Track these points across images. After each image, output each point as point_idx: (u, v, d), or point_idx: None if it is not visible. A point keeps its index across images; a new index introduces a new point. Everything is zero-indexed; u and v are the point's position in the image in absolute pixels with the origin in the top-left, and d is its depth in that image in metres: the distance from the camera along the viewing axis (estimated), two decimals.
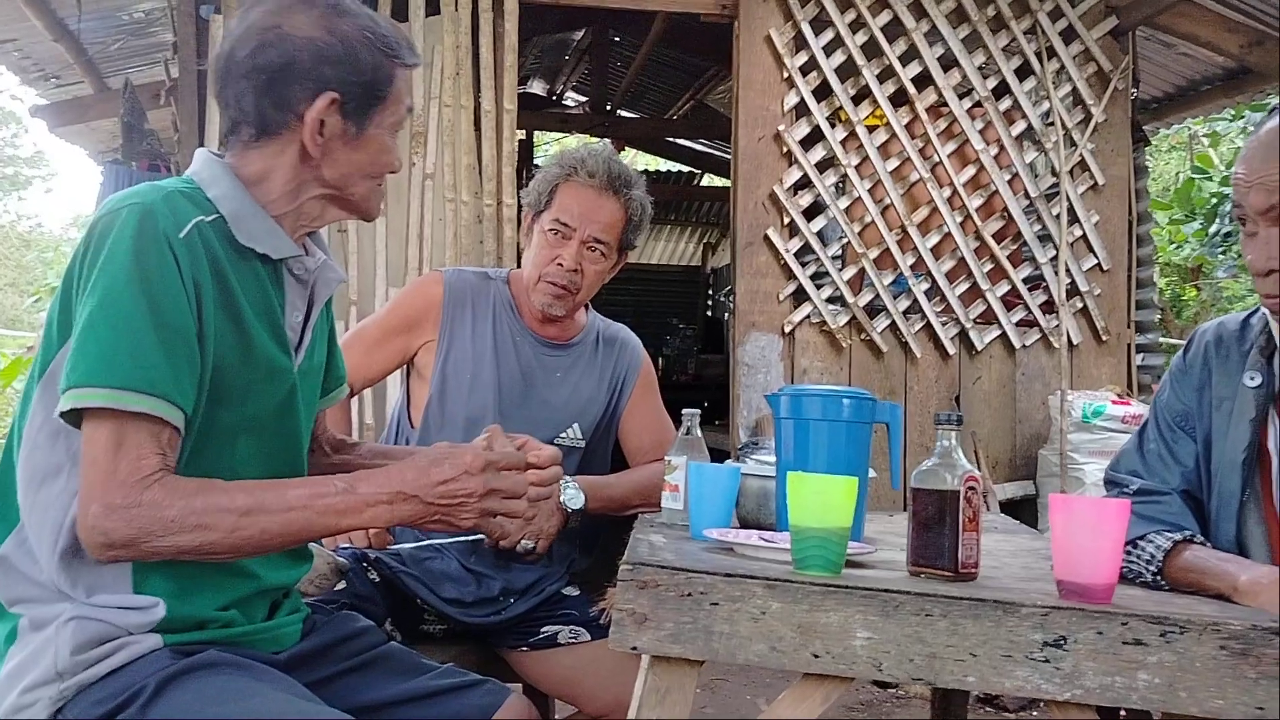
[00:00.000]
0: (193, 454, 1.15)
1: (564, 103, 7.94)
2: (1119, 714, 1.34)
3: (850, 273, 3.95)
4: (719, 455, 2.46)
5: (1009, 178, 4.02)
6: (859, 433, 1.49)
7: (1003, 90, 4.04)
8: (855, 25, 3.93)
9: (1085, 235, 4.05)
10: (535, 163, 7.18)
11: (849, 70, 3.94)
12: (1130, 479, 1.43)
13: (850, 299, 3.93)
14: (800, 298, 3.94)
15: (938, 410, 1.34)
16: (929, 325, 3.99)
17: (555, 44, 6.69)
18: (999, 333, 4.03)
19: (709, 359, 7.57)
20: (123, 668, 1.12)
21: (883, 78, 3.95)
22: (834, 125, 3.94)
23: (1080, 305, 4.06)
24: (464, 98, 3.79)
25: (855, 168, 3.94)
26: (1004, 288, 4.02)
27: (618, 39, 6.45)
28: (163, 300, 1.10)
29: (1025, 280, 4.04)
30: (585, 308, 2.00)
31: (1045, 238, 4.06)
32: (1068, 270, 4.02)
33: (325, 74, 1.20)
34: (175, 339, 1.11)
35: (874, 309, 3.99)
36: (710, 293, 9.30)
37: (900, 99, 3.98)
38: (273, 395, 1.24)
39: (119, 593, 1.14)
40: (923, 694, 3.16)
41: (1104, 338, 4.08)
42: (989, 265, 4.01)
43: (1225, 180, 7.39)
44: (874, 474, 1.60)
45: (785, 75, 3.90)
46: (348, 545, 1.78)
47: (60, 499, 1.13)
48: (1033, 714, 3.16)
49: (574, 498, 1.76)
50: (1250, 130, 1.33)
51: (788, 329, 3.92)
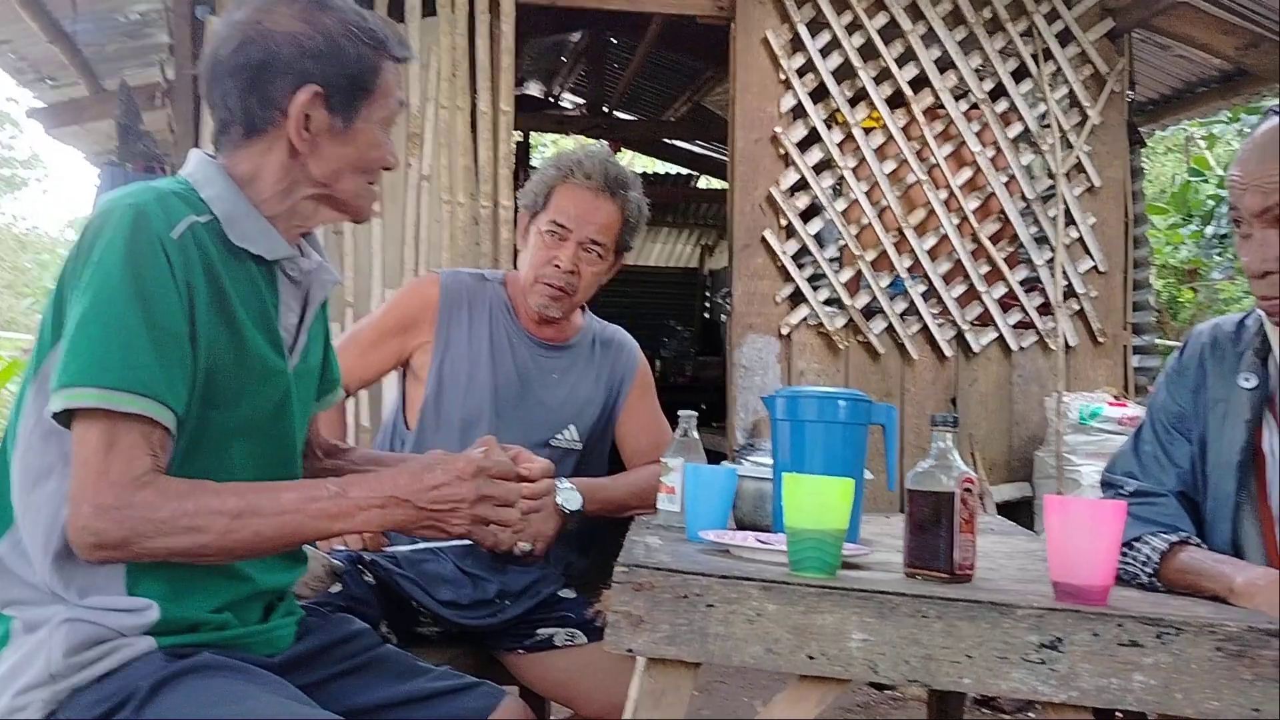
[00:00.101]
0: (186, 457, 1.15)
1: (561, 104, 7.93)
2: (1115, 716, 1.34)
3: (847, 275, 3.95)
4: (716, 457, 2.46)
5: (1006, 180, 4.02)
6: (855, 434, 1.50)
7: (999, 92, 4.05)
8: (852, 27, 3.93)
9: (1082, 237, 4.06)
10: (532, 164, 7.18)
11: (846, 72, 3.94)
12: (1126, 480, 1.43)
13: (847, 301, 3.93)
14: (797, 300, 3.94)
15: (934, 412, 1.33)
16: (926, 327, 3.99)
17: (552, 45, 6.68)
18: (996, 335, 4.03)
19: (706, 361, 7.56)
20: (116, 670, 1.12)
21: (879, 79, 3.96)
22: (831, 127, 3.94)
23: (1077, 307, 4.06)
24: (460, 99, 3.79)
25: (852, 170, 3.94)
26: (1001, 290, 4.03)
27: (614, 41, 6.44)
28: (155, 301, 1.10)
29: (1022, 282, 4.05)
30: (582, 309, 2.00)
31: (1042, 240, 4.07)
32: (1064, 272, 4.02)
33: (307, 67, 1.19)
34: (167, 340, 1.10)
35: (871, 311, 3.99)
36: (707, 295, 9.29)
37: (897, 101, 3.98)
38: (267, 397, 1.23)
39: (112, 594, 1.14)
40: (919, 696, 3.16)
41: (1100, 339, 4.08)
42: (986, 267, 4.02)
43: (1222, 182, 7.40)
44: (870, 476, 1.59)
45: (782, 77, 3.90)
46: (343, 548, 1.78)
47: (53, 500, 1.13)
48: (1029, 716, 3.16)
49: (571, 499, 1.76)
50: (1246, 133, 1.33)
51: (785, 331, 3.92)
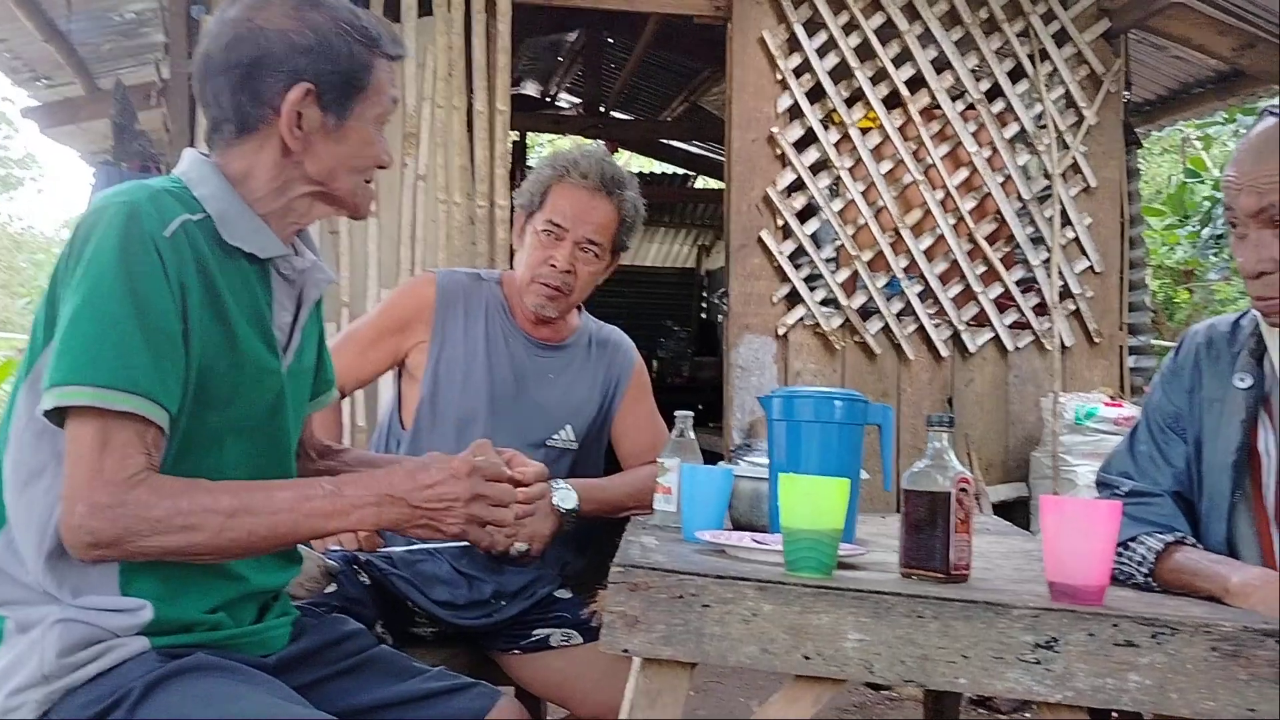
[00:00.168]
0: (179, 456, 1.14)
1: (557, 104, 7.92)
2: (1110, 716, 1.34)
3: (844, 275, 3.95)
4: (713, 457, 2.46)
5: (1002, 180, 4.03)
6: (851, 435, 1.49)
7: (995, 93, 4.05)
8: (848, 27, 3.93)
9: (1078, 237, 4.06)
10: (528, 164, 7.17)
11: (842, 72, 3.94)
12: (1122, 480, 1.43)
13: (844, 301, 3.93)
14: (794, 300, 3.94)
15: (930, 412, 1.34)
16: (922, 327, 3.99)
17: (548, 45, 6.68)
18: (992, 335, 4.04)
19: (703, 361, 7.57)
20: (110, 670, 1.11)
21: (876, 80, 3.96)
22: (827, 127, 3.94)
23: (1073, 307, 4.06)
24: (457, 99, 3.78)
25: (849, 170, 3.94)
26: (997, 290, 4.03)
27: (611, 41, 6.44)
28: (148, 299, 1.09)
29: (1018, 282, 4.05)
30: (578, 309, 2.00)
31: (1038, 240, 4.07)
32: (1060, 272, 4.02)
33: (299, 65, 1.19)
34: (161, 338, 1.10)
35: (867, 311, 3.99)
36: (704, 295, 9.29)
37: (893, 101, 3.98)
38: (261, 397, 1.23)
39: (106, 594, 1.13)
40: (915, 696, 3.16)
41: (1096, 340, 4.08)
42: (982, 267, 4.02)
43: (1218, 184, 7.41)
44: (866, 476, 1.59)
45: (779, 77, 3.90)
46: (338, 548, 1.78)
47: (46, 499, 1.12)
48: (1026, 716, 3.16)
49: (567, 498, 1.75)
50: (1242, 133, 1.33)
51: (781, 331, 3.92)
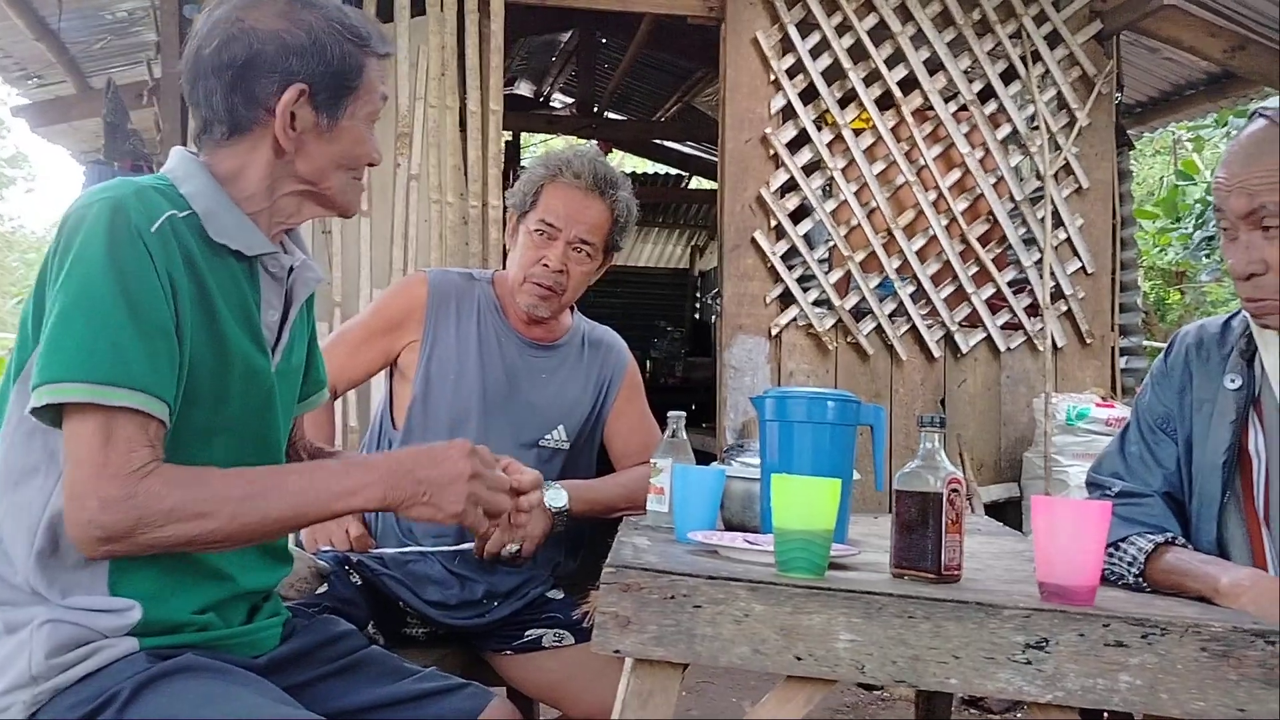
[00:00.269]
0: (167, 454, 1.13)
1: (551, 104, 7.92)
2: (1101, 716, 1.34)
3: (837, 275, 3.95)
4: (705, 458, 2.46)
5: (994, 181, 4.03)
6: (843, 435, 1.49)
7: (988, 94, 4.06)
8: (842, 28, 3.93)
9: (1069, 239, 4.07)
10: (522, 164, 7.16)
11: (835, 73, 3.95)
12: (1112, 481, 1.43)
13: (836, 302, 3.94)
14: (787, 300, 3.94)
15: (923, 412, 1.34)
16: (914, 328, 4.00)
17: (542, 45, 6.67)
18: (984, 335, 4.04)
19: (696, 362, 7.57)
20: (98, 671, 1.11)
21: (869, 81, 3.96)
22: (820, 128, 3.94)
23: (1065, 308, 4.07)
24: (449, 98, 3.78)
25: (842, 170, 3.94)
26: (989, 291, 4.04)
27: (604, 41, 6.44)
28: (139, 294, 1.09)
29: (1010, 283, 4.06)
30: (571, 309, 2.00)
31: (1030, 241, 4.08)
32: (1052, 273, 4.03)
33: (292, 66, 1.18)
34: (154, 333, 1.09)
35: (860, 312, 3.99)
36: (698, 295, 9.30)
37: (886, 102, 3.99)
38: (249, 396, 1.22)
39: (95, 595, 1.13)
40: (907, 696, 3.16)
41: (1088, 341, 4.10)
42: (974, 268, 4.03)
43: (1209, 185, 7.43)
44: (858, 476, 1.60)
45: (772, 78, 3.91)
46: (329, 549, 1.77)
47: (38, 499, 1.12)
48: (1017, 716, 3.16)
49: (556, 496, 1.75)
50: (1234, 135, 1.34)
51: (774, 332, 3.92)
